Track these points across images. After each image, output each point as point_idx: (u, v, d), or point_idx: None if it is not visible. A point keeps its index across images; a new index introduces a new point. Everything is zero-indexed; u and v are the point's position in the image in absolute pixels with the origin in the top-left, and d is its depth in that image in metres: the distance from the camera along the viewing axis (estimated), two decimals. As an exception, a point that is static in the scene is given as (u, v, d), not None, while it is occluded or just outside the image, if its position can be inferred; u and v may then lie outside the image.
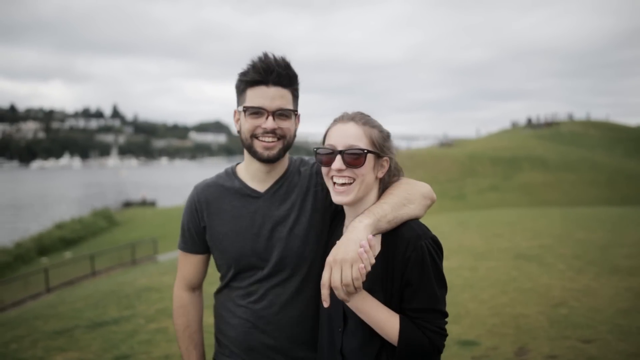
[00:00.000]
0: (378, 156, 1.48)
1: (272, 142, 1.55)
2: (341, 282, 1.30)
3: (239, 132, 1.63)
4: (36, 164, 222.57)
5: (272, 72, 1.52)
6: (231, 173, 1.72)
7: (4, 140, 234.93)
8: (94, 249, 21.31)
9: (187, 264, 1.75)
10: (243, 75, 1.57)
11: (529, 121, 56.80)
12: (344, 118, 1.49)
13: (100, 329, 5.47)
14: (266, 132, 1.54)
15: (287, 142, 1.59)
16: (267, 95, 1.53)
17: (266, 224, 1.62)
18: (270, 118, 1.53)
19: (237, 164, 1.75)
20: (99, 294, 8.19)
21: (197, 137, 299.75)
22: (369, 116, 1.51)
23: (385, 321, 1.37)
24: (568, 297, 5.59)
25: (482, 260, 8.06)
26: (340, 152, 1.43)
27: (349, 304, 1.37)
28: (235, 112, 1.65)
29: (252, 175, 1.66)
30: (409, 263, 1.37)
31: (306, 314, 1.63)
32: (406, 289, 1.39)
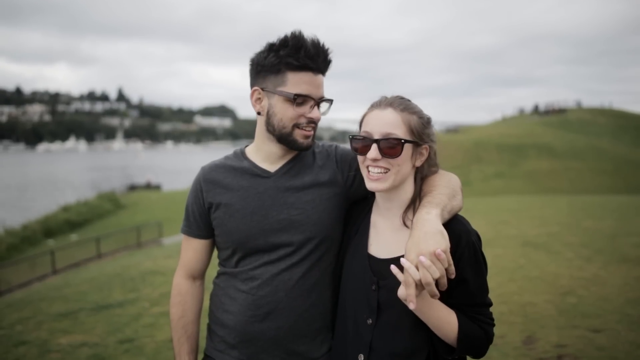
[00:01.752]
0: (417, 144, 1.38)
1: (312, 131, 1.51)
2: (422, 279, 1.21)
3: (259, 113, 1.53)
4: (42, 146, 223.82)
5: (321, 57, 1.45)
6: (240, 154, 1.62)
7: (10, 122, 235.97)
8: (100, 231, 21.43)
9: (190, 249, 1.65)
10: (288, 56, 1.42)
11: (536, 108, 56.37)
12: (382, 103, 1.40)
13: (105, 312, 5.47)
14: (310, 121, 1.48)
15: (316, 130, 1.55)
16: (314, 83, 1.46)
17: (275, 205, 1.52)
18: (316, 108, 1.48)
19: (246, 145, 1.66)
20: (104, 277, 8.22)
21: (202, 121, 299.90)
22: (409, 101, 1.42)
23: (444, 319, 1.32)
24: (576, 286, 5.53)
25: (488, 247, 8.00)
26: (377, 141, 1.35)
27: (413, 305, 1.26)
28: (257, 90, 1.51)
29: (265, 156, 1.57)
30: (462, 259, 1.32)
31: (312, 302, 1.54)
32: (460, 286, 1.34)
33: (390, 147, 1.34)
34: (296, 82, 1.44)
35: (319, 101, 1.49)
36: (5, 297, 9.89)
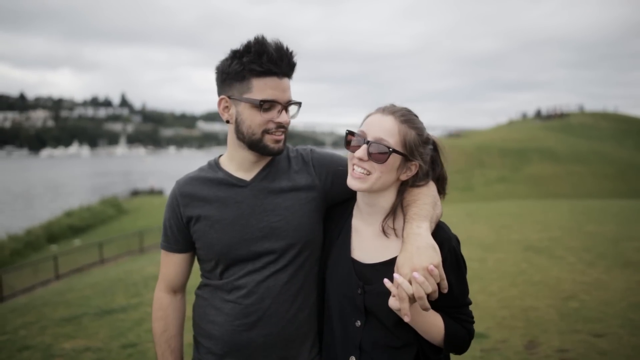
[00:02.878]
0: (406, 158, 1.40)
1: (282, 135, 1.50)
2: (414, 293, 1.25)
3: (228, 121, 1.52)
4: (45, 152, 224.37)
5: (285, 61, 1.44)
6: (214, 165, 1.60)
7: (13, 128, 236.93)
8: (103, 236, 21.48)
9: (169, 264, 1.63)
10: (251, 63, 1.41)
11: (539, 112, 56.34)
12: (386, 110, 1.42)
13: (108, 317, 5.49)
14: (279, 126, 1.47)
15: (287, 134, 1.54)
16: (279, 87, 1.45)
17: (254, 213, 1.52)
18: (284, 112, 1.47)
19: (220, 155, 1.65)
20: (107, 282, 8.24)
21: (204, 126, 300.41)
22: (415, 116, 1.44)
23: (432, 323, 1.38)
24: (578, 291, 5.53)
25: (491, 252, 8.00)
26: (368, 143, 1.38)
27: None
28: (223, 99, 1.49)
29: (239, 164, 1.56)
30: (445, 265, 1.34)
31: (298, 307, 1.54)
32: (443, 290, 1.36)
33: (379, 153, 1.36)
34: (261, 87, 1.43)
35: (286, 105, 1.48)
36: (8, 302, 9.93)
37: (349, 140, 1.44)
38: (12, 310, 6.53)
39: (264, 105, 1.44)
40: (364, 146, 1.38)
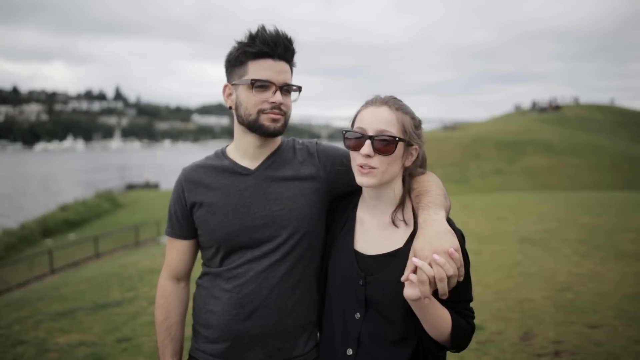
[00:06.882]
0: (408, 144, 1.41)
1: (279, 115, 1.51)
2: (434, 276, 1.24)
3: (231, 107, 1.56)
4: (40, 146, 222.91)
5: (280, 45, 1.48)
6: (220, 154, 1.64)
7: (7, 122, 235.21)
8: (98, 230, 21.40)
9: (174, 251, 1.66)
10: (246, 46, 1.47)
11: (534, 105, 56.38)
12: (377, 101, 1.42)
13: (103, 311, 5.47)
14: (274, 106, 1.48)
15: (287, 118, 1.55)
16: (274, 69, 1.48)
17: (257, 202, 1.53)
18: (278, 92, 1.48)
19: (227, 145, 1.67)
20: (102, 276, 8.22)
21: (200, 119, 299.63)
22: (402, 101, 1.45)
23: (440, 316, 1.36)
24: (574, 282, 5.54)
25: (486, 244, 8.02)
26: (371, 137, 1.37)
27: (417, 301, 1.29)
28: (227, 86, 1.56)
29: (243, 152, 1.58)
30: None
31: (296, 299, 1.55)
32: (460, 277, 1.35)
33: (384, 145, 1.36)
34: (256, 69, 1.48)
35: (281, 86, 1.49)
36: (3, 296, 9.87)
37: (348, 141, 1.42)
38: (6, 304, 6.49)
39: (256, 84, 1.46)
40: (368, 142, 1.36)
